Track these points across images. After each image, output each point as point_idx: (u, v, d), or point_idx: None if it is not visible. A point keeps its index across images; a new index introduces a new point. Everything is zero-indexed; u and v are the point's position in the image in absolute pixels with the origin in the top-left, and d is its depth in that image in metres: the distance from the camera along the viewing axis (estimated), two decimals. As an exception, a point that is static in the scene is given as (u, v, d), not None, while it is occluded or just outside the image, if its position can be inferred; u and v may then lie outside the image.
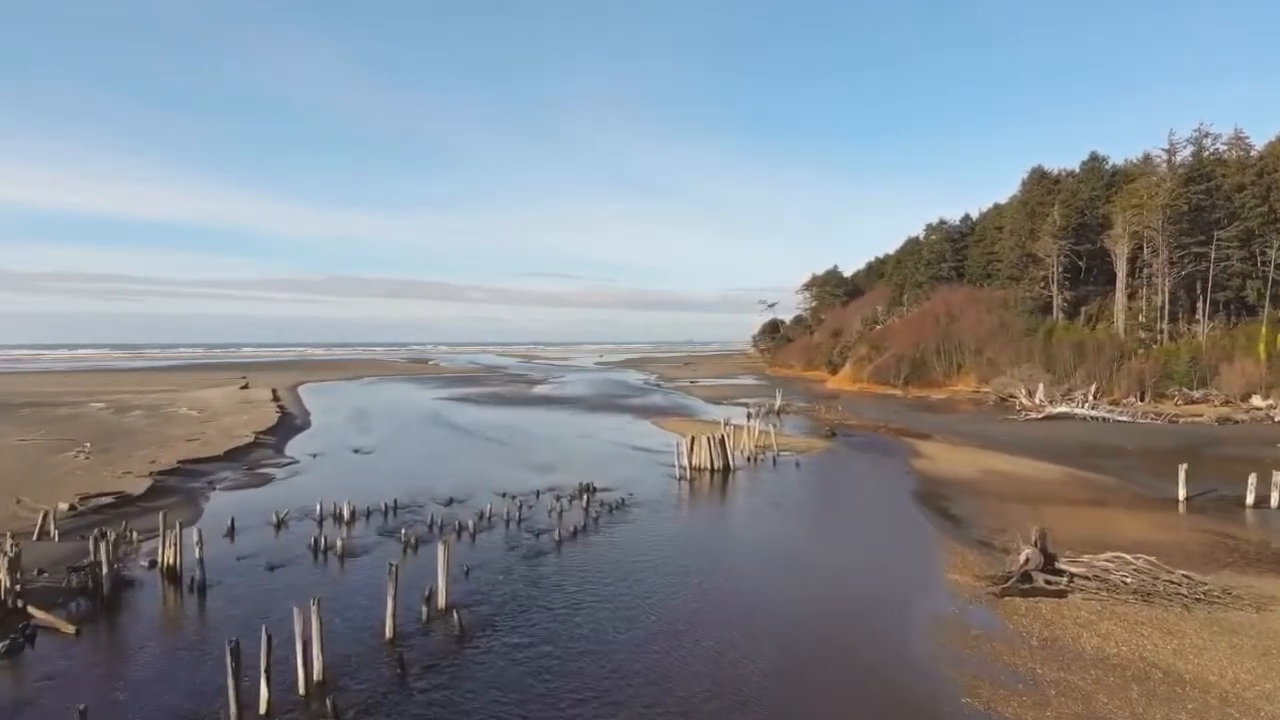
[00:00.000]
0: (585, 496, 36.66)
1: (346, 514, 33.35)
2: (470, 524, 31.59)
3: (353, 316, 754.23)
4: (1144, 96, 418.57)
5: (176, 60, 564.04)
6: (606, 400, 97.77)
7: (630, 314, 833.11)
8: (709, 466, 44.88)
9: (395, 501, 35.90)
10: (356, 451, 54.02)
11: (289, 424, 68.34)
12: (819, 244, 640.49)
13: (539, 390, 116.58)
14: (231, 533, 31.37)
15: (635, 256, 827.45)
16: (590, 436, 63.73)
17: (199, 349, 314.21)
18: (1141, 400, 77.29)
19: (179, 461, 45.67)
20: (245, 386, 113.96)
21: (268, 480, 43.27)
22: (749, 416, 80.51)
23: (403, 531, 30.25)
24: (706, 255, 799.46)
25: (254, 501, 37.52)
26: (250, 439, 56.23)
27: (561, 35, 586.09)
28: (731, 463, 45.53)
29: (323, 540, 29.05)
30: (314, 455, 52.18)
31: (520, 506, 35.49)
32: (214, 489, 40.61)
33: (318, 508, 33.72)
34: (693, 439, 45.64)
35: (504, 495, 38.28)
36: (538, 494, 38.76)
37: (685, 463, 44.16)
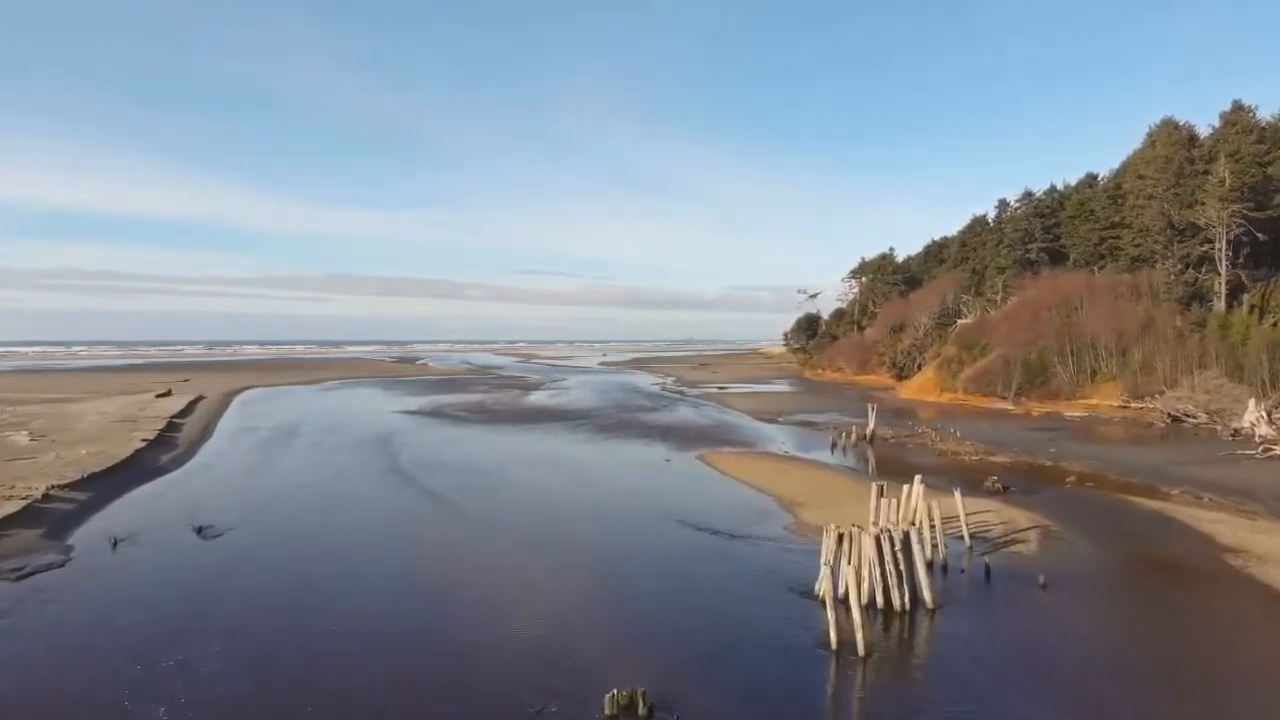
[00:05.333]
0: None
1: None
2: None
3: (353, 314, 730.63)
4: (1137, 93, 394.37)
5: (175, 57, 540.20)
6: (622, 416, 73.64)
7: (630, 312, 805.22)
8: (882, 603, 21.25)
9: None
10: (200, 532, 30.39)
11: (147, 462, 44.75)
12: (821, 241, 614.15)
13: (534, 399, 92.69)
14: None
15: (634, 254, 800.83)
16: (606, 490, 40.24)
17: (199, 346, 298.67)
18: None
19: None
20: (166, 394, 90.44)
21: (-80, 637, 19.68)
22: (833, 446, 56.94)
23: None
24: (706, 253, 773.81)
25: None
26: (33, 499, 32.72)
27: (561, 35, 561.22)
28: (925, 594, 21.78)
29: None
30: (115, 542, 28.67)
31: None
32: None
33: None
34: (840, 538, 21.79)
35: (416, 738, 14.80)
36: (506, 731, 15.12)
37: (830, 589, 20.44)
